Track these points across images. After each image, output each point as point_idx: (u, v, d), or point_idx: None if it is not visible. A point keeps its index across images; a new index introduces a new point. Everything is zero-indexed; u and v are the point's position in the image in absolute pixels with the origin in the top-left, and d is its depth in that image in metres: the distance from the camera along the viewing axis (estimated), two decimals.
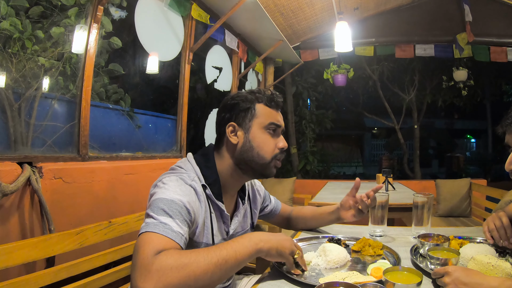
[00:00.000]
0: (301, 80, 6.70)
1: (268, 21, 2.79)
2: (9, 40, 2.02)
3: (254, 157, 0.99)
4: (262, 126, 1.00)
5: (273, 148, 1.01)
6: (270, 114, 1.01)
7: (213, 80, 3.06)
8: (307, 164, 6.51)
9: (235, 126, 1.00)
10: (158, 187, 0.87)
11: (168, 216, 0.78)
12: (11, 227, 1.30)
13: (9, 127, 2.03)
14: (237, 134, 1.00)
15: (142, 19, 2.13)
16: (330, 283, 0.72)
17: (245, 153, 0.99)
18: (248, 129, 0.99)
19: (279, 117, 1.04)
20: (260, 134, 0.99)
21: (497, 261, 0.83)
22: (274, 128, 1.01)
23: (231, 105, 1.01)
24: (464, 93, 4.94)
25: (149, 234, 0.74)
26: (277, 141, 1.02)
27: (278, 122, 1.02)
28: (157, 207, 0.80)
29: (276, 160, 1.02)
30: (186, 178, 0.91)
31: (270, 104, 1.02)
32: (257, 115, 1.00)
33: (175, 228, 0.77)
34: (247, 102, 1.00)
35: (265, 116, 1.00)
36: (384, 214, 1.30)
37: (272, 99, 1.02)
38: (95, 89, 2.87)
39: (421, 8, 4.04)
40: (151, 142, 5.66)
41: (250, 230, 1.13)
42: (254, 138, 0.99)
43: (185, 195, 0.85)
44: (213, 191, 0.96)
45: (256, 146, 0.99)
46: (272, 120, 1.01)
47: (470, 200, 3.16)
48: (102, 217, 1.41)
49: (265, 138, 1.00)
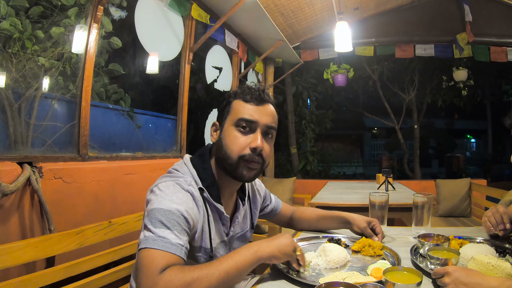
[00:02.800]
0: (301, 80, 6.70)
1: (268, 21, 2.79)
2: (9, 40, 2.03)
3: (224, 156, 0.93)
4: (232, 123, 0.94)
5: (242, 147, 0.91)
6: (244, 109, 0.93)
7: (213, 80, 3.06)
8: (307, 164, 6.51)
9: (217, 125, 0.99)
10: (154, 193, 0.86)
11: (165, 228, 0.77)
12: (11, 227, 1.30)
13: (9, 127, 2.04)
14: (217, 132, 0.99)
15: (142, 19, 2.13)
16: (330, 283, 0.72)
17: (217, 152, 0.96)
18: (223, 127, 0.96)
19: (256, 112, 0.93)
20: (230, 131, 0.93)
21: (497, 261, 0.83)
22: (245, 124, 0.92)
23: (219, 104, 1.02)
24: (464, 93, 4.94)
25: (149, 251, 0.74)
26: (251, 139, 0.92)
27: (250, 117, 0.92)
28: (154, 218, 0.79)
29: (244, 161, 0.92)
30: (182, 183, 0.89)
31: (245, 98, 0.94)
32: (230, 112, 0.95)
33: (174, 241, 0.77)
34: (226, 99, 0.98)
35: (237, 112, 0.94)
36: (384, 214, 1.30)
37: (250, 94, 0.94)
38: (95, 89, 2.88)
39: (421, 8, 4.04)
40: (151, 142, 5.66)
41: (249, 231, 1.12)
42: (224, 135, 0.94)
43: (182, 203, 0.84)
44: (210, 193, 0.93)
45: (224, 144, 0.93)
46: (241, 116, 0.92)
47: (470, 200, 3.16)
48: (102, 217, 1.41)
49: (234, 136, 0.92)
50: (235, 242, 1.06)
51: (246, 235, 1.10)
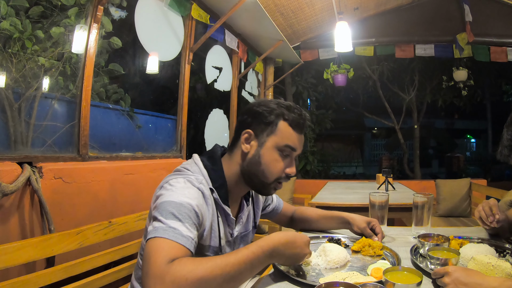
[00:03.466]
0: (301, 80, 6.70)
1: (268, 21, 2.79)
2: (9, 40, 2.02)
3: (258, 173, 0.95)
4: (276, 146, 0.95)
5: (280, 171, 0.96)
6: (290, 136, 0.96)
7: (213, 80, 3.06)
8: (307, 164, 6.51)
9: (251, 135, 0.96)
10: (165, 188, 0.85)
11: (177, 220, 0.76)
12: (11, 227, 1.30)
13: (9, 127, 2.04)
14: (251, 143, 0.96)
15: (142, 19, 2.13)
16: (330, 283, 0.72)
17: (251, 165, 0.96)
18: (263, 143, 0.95)
19: (299, 141, 0.98)
20: (271, 153, 0.95)
21: (497, 261, 0.83)
22: (289, 151, 0.96)
23: (255, 112, 0.97)
24: (464, 93, 4.94)
25: (159, 240, 0.72)
26: (287, 164, 0.97)
27: (294, 146, 0.97)
28: (165, 210, 0.78)
29: (277, 183, 0.98)
30: (193, 180, 0.89)
31: (294, 126, 0.96)
32: (276, 133, 0.95)
33: (185, 233, 0.75)
34: (271, 116, 0.95)
35: (284, 136, 0.95)
36: (384, 214, 1.30)
37: (299, 122, 0.97)
38: (95, 89, 2.87)
39: (421, 8, 4.04)
40: (151, 142, 5.66)
41: (252, 231, 1.13)
42: (265, 154, 0.95)
43: (193, 198, 0.83)
44: (220, 195, 0.94)
45: (263, 163, 0.95)
46: (288, 143, 0.95)
47: (470, 200, 3.16)
48: (102, 217, 1.41)
49: (275, 159, 0.95)
50: (239, 242, 1.06)
51: (249, 235, 1.11)
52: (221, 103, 3.48)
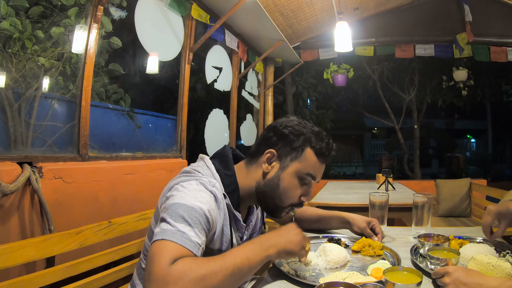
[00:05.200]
0: (301, 80, 6.71)
1: (268, 21, 2.79)
2: (9, 40, 2.02)
3: (275, 196, 0.95)
4: (298, 172, 0.94)
5: (296, 197, 0.96)
6: (314, 164, 0.95)
7: (213, 80, 3.06)
8: None
9: (274, 156, 0.95)
10: (177, 190, 0.83)
11: (187, 224, 0.75)
12: (11, 227, 1.30)
13: (9, 127, 2.04)
14: (272, 164, 0.95)
15: (142, 19, 2.13)
16: (330, 283, 0.72)
17: (268, 187, 0.94)
18: (285, 167, 0.94)
19: (320, 171, 0.97)
20: (292, 179, 0.94)
21: (497, 261, 0.83)
22: (309, 180, 0.96)
23: (282, 133, 0.95)
24: (464, 93, 4.94)
25: (165, 243, 0.71)
26: (303, 192, 0.97)
27: (315, 175, 0.96)
28: (176, 213, 0.76)
29: (290, 208, 0.98)
30: (206, 183, 0.87)
31: (319, 154, 0.95)
32: (300, 159, 0.94)
33: (193, 238, 0.74)
34: (298, 141, 0.94)
35: (307, 164, 0.94)
36: (384, 214, 1.30)
37: (325, 153, 0.96)
38: (95, 89, 2.88)
39: (421, 8, 4.04)
40: (151, 142, 5.67)
41: (259, 232, 1.12)
42: (285, 179, 0.94)
43: (205, 202, 0.81)
44: (232, 200, 0.92)
45: (282, 187, 0.94)
46: (311, 172, 0.95)
47: (470, 200, 3.16)
48: (102, 217, 1.41)
49: (294, 185, 0.94)
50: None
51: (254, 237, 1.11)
52: (221, 103, 3.48)
